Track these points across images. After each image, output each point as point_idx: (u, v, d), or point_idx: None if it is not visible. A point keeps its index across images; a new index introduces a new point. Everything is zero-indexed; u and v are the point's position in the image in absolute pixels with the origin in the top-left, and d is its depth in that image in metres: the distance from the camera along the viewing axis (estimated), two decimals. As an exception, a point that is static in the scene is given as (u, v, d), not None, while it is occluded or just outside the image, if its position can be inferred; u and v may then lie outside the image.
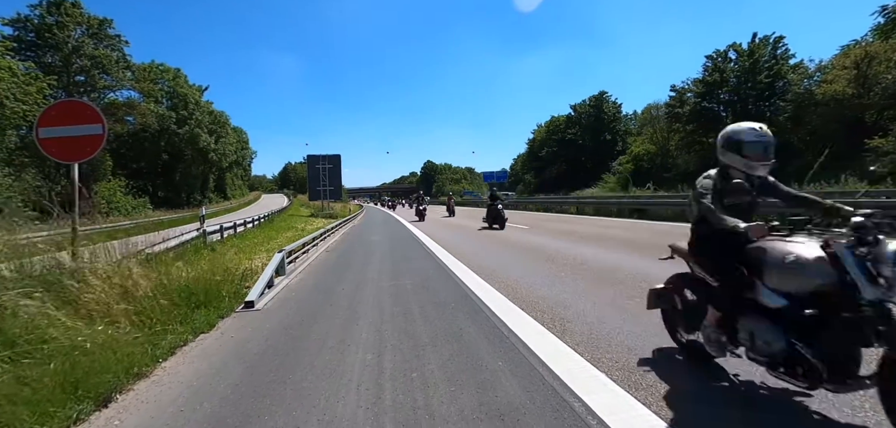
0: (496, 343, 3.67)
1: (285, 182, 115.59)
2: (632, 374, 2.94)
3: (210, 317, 4.73)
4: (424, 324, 4.34)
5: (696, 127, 36.93)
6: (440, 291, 5.86)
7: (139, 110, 38.02)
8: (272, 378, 3.19)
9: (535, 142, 66.52)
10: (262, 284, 6.02)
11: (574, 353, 3.35)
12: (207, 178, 57.96)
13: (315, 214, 38.49)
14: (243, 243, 13.51)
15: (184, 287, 5.12)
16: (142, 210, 35.90)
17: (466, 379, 2.98)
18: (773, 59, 33.94)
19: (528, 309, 4.67)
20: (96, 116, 5.71)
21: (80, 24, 33.68)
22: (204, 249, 10.10)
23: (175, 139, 45.42)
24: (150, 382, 3.25)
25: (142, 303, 4.41)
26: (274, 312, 5.21)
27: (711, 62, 36.80)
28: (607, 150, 52.57)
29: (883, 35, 30.22)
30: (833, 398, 2.39)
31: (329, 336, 4.12)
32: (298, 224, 25.17)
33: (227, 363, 3.56)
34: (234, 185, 75.32)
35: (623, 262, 7.17)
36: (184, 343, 4.04)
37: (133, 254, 5.53)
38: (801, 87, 31.99)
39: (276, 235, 17.37)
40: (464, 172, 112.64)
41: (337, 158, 41.67)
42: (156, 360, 3.56)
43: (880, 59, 25.52)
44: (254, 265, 7.98)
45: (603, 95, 57.15)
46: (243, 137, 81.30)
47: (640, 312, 4.28)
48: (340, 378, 3.12)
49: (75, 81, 33.67)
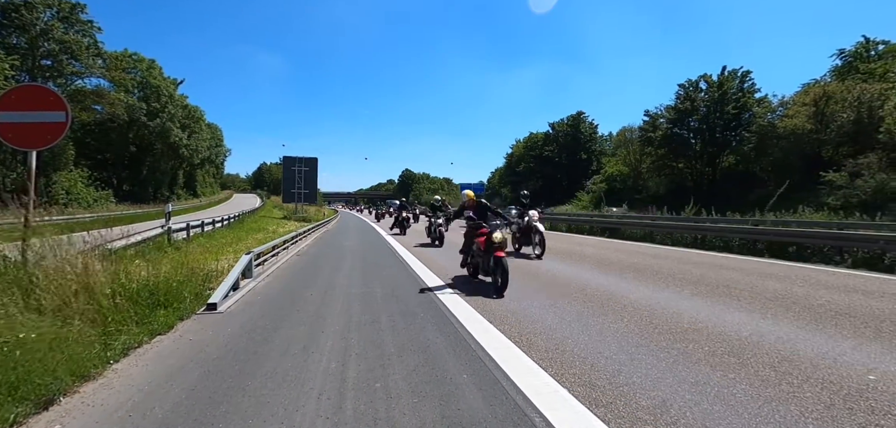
0: (462, 355, 3.66)
1: (259, 183, 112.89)
2: (593, 390, 2.98)
3: (169, 318, 4.55)
4: (392, 333, 4.31)
5: (667, 151, 38.20)
6: (409, 299, 5.83)
7: (108, 99, 36.45)
8: (230, 384, 3.09)
9: (513, 157, 67.40)
10: (227, 287, 5.85)
11: (538, 367, 3.39)
12: (177, 173, 56.08)
13: (288, 216, 37.77)
14: (211, 243, 13.12)
15: (143, 286, 4.92)
16: (104, 203, 34.32)
17: (430, 391, 2.96)
18: (740, 91, 35.55)
19: (496, 322, 4.69)
20: (60, 103, 5.48)
21: (50, 7, 32.23)
22: (168, 248, 9.76)
23: (144, 131, 43.72)
24: (99, 384, 3.09)
25: (98, 300, 4.21)
26: (237, 316, 5.06)
27: (683, 90, 38.24)
28: (583, 168, 53.71)
29: (840, 76, 32.17)
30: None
31: (293, 342, 4.03)
32: (270, 226, 24.63)
33: (183, 367, 3.43)
34: (205, 182, 73.10)
35: (592, 279, 7.31)
36: (138, 344, 3.88)
37: (91, 249, 5.29)
38: (765, 120, 33.59)
39: (246, 236, 16.95)
40: (441, 182, 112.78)
41: (314, 161, 41.14)
42: (106, 361, 3.40)
43: (837, 99, 27.10)
44: (220, 266, 7.74)
45: (580, 115, 58.50)
46: (218, 134, 79.09)
47: (606, 330, 4.37)
48: (302, 386, 3.05)
49: (41, 65, 32.07)
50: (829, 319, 4.63)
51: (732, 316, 4.83)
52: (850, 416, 2.56)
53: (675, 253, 11.32)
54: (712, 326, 4.46)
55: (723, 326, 4.45)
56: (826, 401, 2.75)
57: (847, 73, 31.98)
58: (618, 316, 4.91)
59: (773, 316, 4.81)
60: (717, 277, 7.30)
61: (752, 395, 2.86)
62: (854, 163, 21.82)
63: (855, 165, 21.60)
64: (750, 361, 3.46)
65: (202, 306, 5.22)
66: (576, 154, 56.31)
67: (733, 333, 4.21)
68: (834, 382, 3.03)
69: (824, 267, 8.60)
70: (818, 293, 5.94)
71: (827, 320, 4.60)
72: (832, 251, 9.71)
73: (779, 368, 3.29)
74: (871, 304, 5.18)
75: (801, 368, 3.28)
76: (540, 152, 59.29)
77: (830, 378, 3.10)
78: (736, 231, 12.40)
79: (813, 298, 5.68)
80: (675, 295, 5.98)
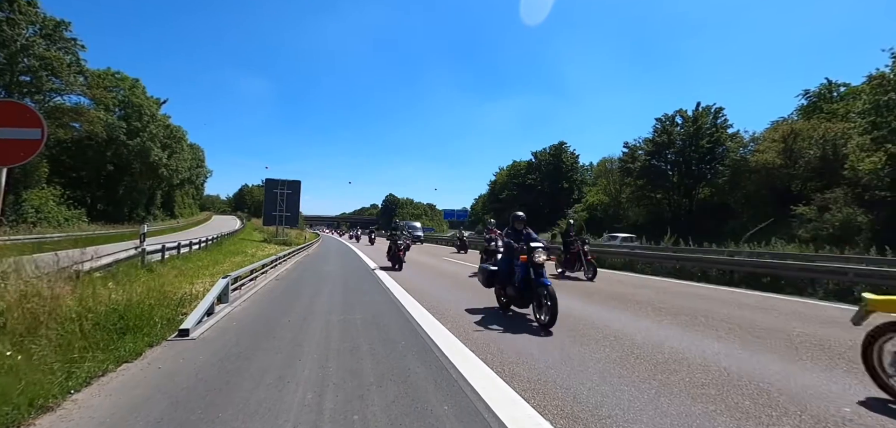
0: (443, 386, 3.58)
1: (240, 205, 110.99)
2: (575, 423, 2.94)
3: (137, 344, 4.35)
4: (372, 362, 4.20)
5: (646, 182, 39.23)
6: (390, 327, 5.72)
7: (87, 117, 35.60)
8: (200, 416, 2.94)
9: (497, 184, 68.11)
10: (201, 312, 5.65)
11: (520, 398, 3.33)
12: (155, 193, 54.77)
13: (268, 239, 37.06)
14: (186, 266, 12.74)
15: (111, 310, 4.71)
16: (76, 222, 33.15)
17: (410, 423, 2.88)
18: (714, 127, 36.96)
19: (479, 351, 4.62)
20: (36, 120, 5.30)
21: (33, 24, 31.66)
22: (140, 270, 9.44)
23: (123, 150, 42.73)
24: (57, 416, 2.91)
25: (63, 325, 4.01)
26: (210, 343, 4.87)
27: (660, 124, 39.56)
28: (564, 197, 54.57)
29: (806, 115, 33.78)
30: None
31: (268, 372, 3.89)
32: (249, 249, 24.10)
33: (150, 398, 3.26)
34: (184, 203, 71.51)
35: (574, 307, 7.32)
36: (102, 373, 3.68)
37: (58, 270, 5.07)
38: (738, 155, 34.90)
39: (224, 259, 16.53)
40: (425, 208, 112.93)
41: (297, 184, 40.70)
42: (67, 391, 3.21)
43: (804, 136, 28.40)
44: (195, 290, 7.50)
45: (562, 145, 59.79)
46: (199, 155, 77.96)
47: (588, 359, 4.35)
48: (275, 419, 2.92)
49: (19, 81, 31.27)
50: (805, 351, 4.71)
51: (712, 346, 4.88)
52: None
53: (655, 282, 11.46)
54: (693, 356, 4.48)
55: (703, 356, 4.48)
56: None
57: (812, 111, 33.67)
58: (599, 345, 4.90)
59: (752, 348, 4.87)
60: (696, 307, 7.40)
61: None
62: (822, 197, 22.75)
63: (822, 200, 22.52)
64: (730, 393, 3.47)
65: (174, 332, 5.02)
66: (557, 182, 57.29)
67: (713, 363, 4.24)
68: (812, 415, 3.05)
69: (798, 298, 8.81)
70: (793, 325, 6.05)
71: (803, 352, 4.68)
72: (804, 283, 9.99)
73: (758, 400, 3.31)
74: (844, 336, 5.30)
75: (779, 401, 3.30)
76: (523, 180, 60.14)
77: (808, 410, 3.13)
78: (713, 262, 12.67)
79: (789, 329, 5.79)
80: (656, 324, 6.02)
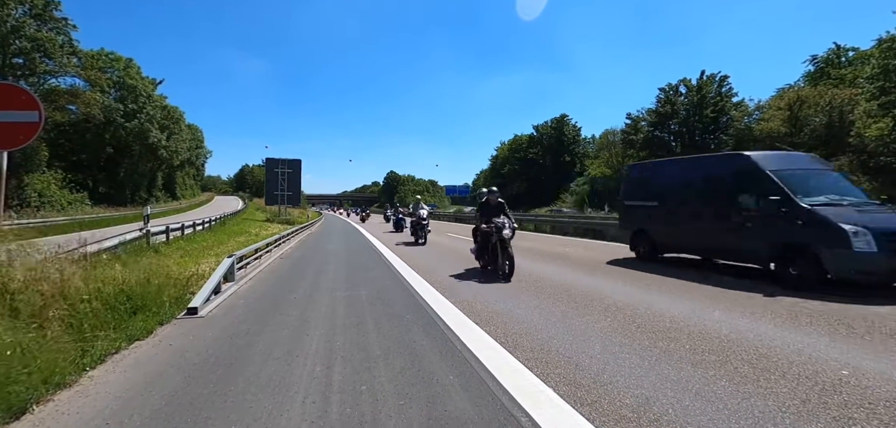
0: (448, 357, 3.66)
1: (241, 185, 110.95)
2: (577, 389, 3.02)
3: (148, 323, 4.45)
4: (377, 336, 4.28)
5: (649, 153, 38.92)
6: (395, 301, 5.81)
7: (83, 99, 35.38)
8: (212, 390, 3.03)
9: (498, 159, 67.80)
10: (208, 290, 5.74)
11: (524, 367, 3.41)
12: (155, 175, 54.81)
13: (271, 218, 37.24)
14: (191, 247, 12.86)
15: (120, 290, 4.79)
16: (79, 206, 33.31)
17: (417, 392, 2.95)
18: (718, 95, 36.51)
19: (482, 323, 4.70)
20: (32, 102, 5.28)
21: (22, 3, 31.17)
22: (146, 251, 9.53)
23: (121, 132, 42.59)
24: (74, 392, 3.00)
25: (74, 305, 4.09)
26: (218, 320, 4.97)
27: (664, 94, 39.08)
28: (566, 170, 54.35)
29: (812, 81, 33.20)
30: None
31: (276, 347, 3.98)
32: (252, 229, 24.25)
33: (163, 373, 3.35)
34: (185, 184, 71.62)
35: (577, 280, 7.39)
36: (116, 350, 3.77)
37: (67, 252, 5.14)
38: (742, 124, 34.54)
39: (228, 239, 16.65)
40: (426, 185, 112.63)
41: (297, 163, 40.71)
42: (82, 368, 3.30)
43: (810, 103, 28.02)
44: (201, 270, 7.59)
45: (564, 118, 59.19)
46: (198, 135, 77.66)
47: (589, 329, 4.42)
48: (286, 391, 3.00)
49: (12, 63, 30.99)
50: (805, 318, 4.77)
51: (712, 315, 4.94)
52: (825, 410, 2.64)
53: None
54: (693, 325, 4.55)
55: (703, 325, 4.55)
56: (802, 396, 2.83)
57: (819, 78, 33.07)
58: (601, 315, 4.97)
59: (752, 315, 4.93)
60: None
61: (732, 391, 2.92)
62: (827, 165, 22.52)
63: (827, 168, 22.28)
64: (729, 358, 3.54)
65: (183, 311, 5.11)
66: (559, 156, 56.97)
67: (713, 331, 4.31)
68: (809, 378, 3.12)
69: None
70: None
71: (802, 319, 4.74)
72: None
73: (757, 365, 3.37)
74: (844, 304, 5.36)
75: (777, 365, 3.37)
76: (524, 154, 59.81)
77: (806, 374, 3.19)
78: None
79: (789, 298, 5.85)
80: (657, 295, 6.09)
